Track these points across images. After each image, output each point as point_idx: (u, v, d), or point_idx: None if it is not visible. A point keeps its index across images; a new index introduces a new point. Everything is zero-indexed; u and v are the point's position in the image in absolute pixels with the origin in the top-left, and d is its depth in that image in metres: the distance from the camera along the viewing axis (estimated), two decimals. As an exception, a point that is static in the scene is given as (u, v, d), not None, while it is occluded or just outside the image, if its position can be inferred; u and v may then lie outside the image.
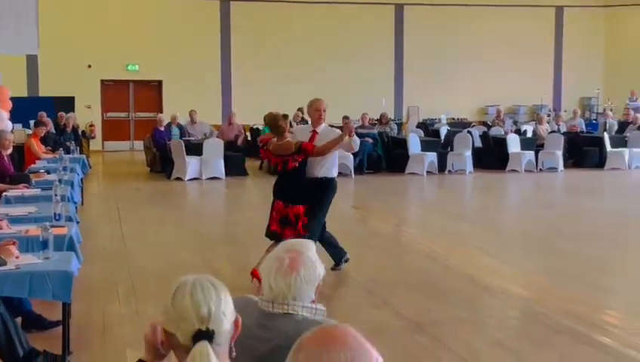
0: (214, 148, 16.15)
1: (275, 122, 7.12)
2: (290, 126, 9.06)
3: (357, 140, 7.35)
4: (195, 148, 16.07)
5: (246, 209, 13.07)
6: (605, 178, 16.94)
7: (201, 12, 22.95)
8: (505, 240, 10.07)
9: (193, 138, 17.35)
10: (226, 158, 16.26)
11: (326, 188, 7.38)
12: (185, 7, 22.78)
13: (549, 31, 25.43)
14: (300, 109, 19.65)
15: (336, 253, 7.66)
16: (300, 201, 7.05)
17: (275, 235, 6.96)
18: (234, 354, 2.01)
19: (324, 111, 7.43)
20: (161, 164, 16.99)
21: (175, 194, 14.57)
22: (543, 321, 6.10)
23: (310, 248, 2.68)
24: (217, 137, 17.31)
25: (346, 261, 7.66)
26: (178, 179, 15.74)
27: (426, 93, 23.94)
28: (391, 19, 24.34)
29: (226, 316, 1.97)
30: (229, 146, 17.22)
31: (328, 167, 7.33)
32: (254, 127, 20.43)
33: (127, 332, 5.81)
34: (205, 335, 1.91)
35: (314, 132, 7.29)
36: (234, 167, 16.44)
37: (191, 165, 15.84)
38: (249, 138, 20.10)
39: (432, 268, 7.93)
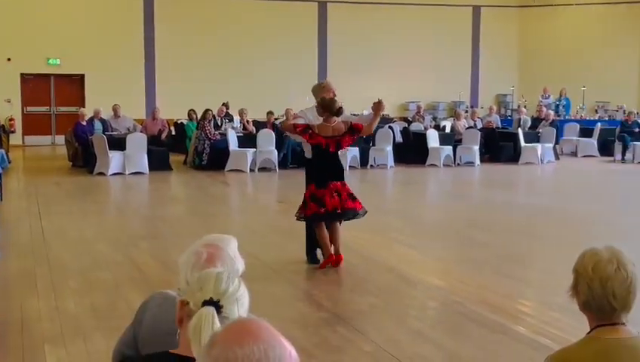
0: (138, 143, 15.86)
1: (333, 104, 7.38)
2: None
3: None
4: (118, 143, 15.77)
5: (170, 204, 12.90)
6: (519, 172, 17.36)
7: (125, 7, 22.49)
8: (424, 232, 10.21)
9: (116, 132, 17.02)
10: (150, 153, 15.99)
11: None
12: (108, 2, 22.28)
13: (467, 30, 25.91)
14: (225, 104, 19.50)
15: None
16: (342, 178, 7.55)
17: (336, 215, 7.43)
18: None
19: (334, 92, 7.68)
20: (83, 158, 16.58)
21: (97, 189, 14.25)
22: (460, 311, 6.20)
23: (230, 244, 2.64)
24: (141, 132, 17.01)
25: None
26: (101, 173, 15.40)
27: (349, 89, 24.02)
28: (314, 17, 24.37)
29: (237, 303, 2.00)
30: (153, 141, 16.94)
31: None
32: (179, 121, 20.16)
33: (45, 327, 5.66)
34: (215, 304, 1.95)
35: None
36: (158, 161, 16.19)
37: (114, 160, 15.52)
38: (173, 133, 19.83)
39: (354, 260, 7.96)
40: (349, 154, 17.02)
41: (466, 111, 21.23)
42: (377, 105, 7.63)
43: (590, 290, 2.41)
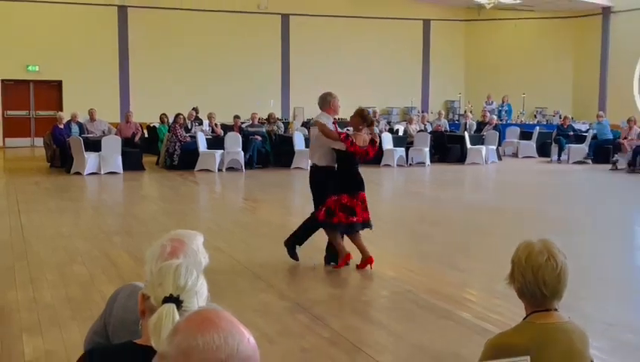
0: (112, 145, 15.70)
1: (370, 116, 7.33)
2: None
3: None
4: (93, 145, 15.60)
5: (142, 202, 12.77)
6: (466, 171, 17.53)
7: (100, 17, 22.20)
8: (379, 227, 10.21)
9: (92, 135, 16.80)
10: (124, 154, 15.83)
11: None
12: (84, 13, 21.96)
13: (418, 42, 26.08)
14: (195, 108, 19.37)
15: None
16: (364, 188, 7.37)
17: (366, 225, 7.29)
18: None
19: None
20: (61, 159, 16.33)
21: (74, 188, 14.02)
22: (411, 299, 6.24)
23: (195, 239, 2.61)
24: (115, 134, 16.82)
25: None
26: (77, 173, 15.17)
27: (311, 95, 24.03)
28: (278, 28, 24.32)
29: (197, 295, 1.98)
30: (127, 143, 16.76)
31: None
32: (151, 125, 19.96)
33: (24, 317, 5.56)
34: (174, 301, 1.93)
35: (335, 122, 7.50)
36: (131, 162, 16.02)
37: (90, 160, 15.33)
38: (146, 135, 19.62)
39: (314, 254, 7.96)
40: (310, 156, 17.04)
41: (418, 116, 21.34)
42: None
43: (523, 278, 2.44)
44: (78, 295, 6.22)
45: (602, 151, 18.61)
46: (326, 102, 7.38)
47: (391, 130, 20.04)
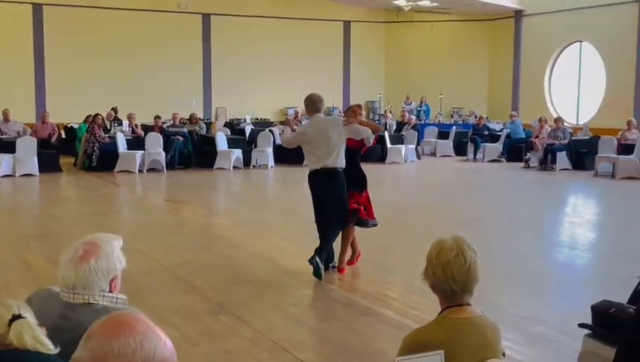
0: (27, 146, 15.19)
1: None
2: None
3: None
4: (8, 146, 15.07)
5: (60, 203, 12.39)
6: (386, 170, 17.78)
7: (14, 15, 21.40)
8: (302, 227, 10.25)
9: (6, 136, 16.20)
10: (40, 156, 15.35)
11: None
12: (-4, 9, 21.16)
13: (338, 42, 26.29)
14: (114, 108, 18.94)
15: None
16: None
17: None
18: None
19: None
20: (-27, 161, 15.67)
21: (-13, 190, 13.49)
22: (334, 297, 6.29)
23: (110, 242, 2.55)
24: (31, 135, 16.27)
25: (333, 267, 7.12)
26: (-10, 176, 14.61)
27: (233, 95, 23.95)
28: (199, 27, 24.04)
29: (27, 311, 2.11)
30: (43, 144, 16.25)
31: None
32: (69, 125, 19.40)
33: None
34: (19, 317, 2.04)
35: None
36: (48, 164, 15.54)
37: (4, 162, 14.80)
38: (64, 136, 19.06)
39: (237, 254, 7.92)
40: (233, 156, 16.94)
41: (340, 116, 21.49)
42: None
43: (434, 275, 2.50)
44: (-8, 301, 5.98)
45: (515, 149, 19.24)
46: (313, 104, 6.99)
47: (313, 130, 20.09)
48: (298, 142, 7.22)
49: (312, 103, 6.93)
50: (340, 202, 6.82)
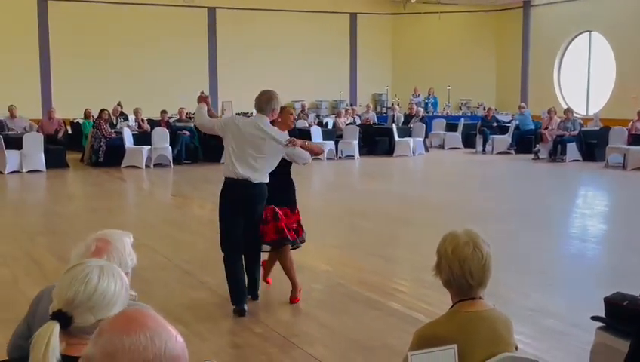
0: (34, 142, 15.23)
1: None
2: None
3: None
4: (15, 142, 15.10)
5: (67, 200, 12.43)
6: (394, 163, 17.75)
7: (19, 10, 21.42)
8: (310, 220, 10.24)
9: (12, 132, 16.25)
10: (47, 151, 15.38)
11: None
12: (1, 5, 21.16)
13: (345, 34, 26.22)
14: (119, 103, 18.97)
15: None
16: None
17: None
18: None
19: None
20: (-20, 158, 15.75)
21: (-6, 187, 13.55)
22: (342, 291, 6.29)
23: (122, 238, 2.55)
24: (37, 131, 16.32)
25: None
26: (-2, 172, 14.68)
27: (239, 89, 23.92)
28: (204, 21, 24.03)
29: (92, 312, 1.81)
30: (50, 140, 16.29)
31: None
32: (75, 121, 19.44)
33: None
34: (61, 317, 1.77)
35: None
36: (55, 160, 15.58)
37: (11, 158, 14.84)
38: (70, 132, 19.10)
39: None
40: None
41: (346, 110, 21.48)
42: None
43: (450, 270, 2.49)
44: (1, 297, 6.02)
45: (525, 141, 19.16)
46: (269, 106, 5.88)
47: (320, 124, 20.13)
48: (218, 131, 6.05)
49: (256, 101, 5.94)
50: (257, 219, 6.02)
